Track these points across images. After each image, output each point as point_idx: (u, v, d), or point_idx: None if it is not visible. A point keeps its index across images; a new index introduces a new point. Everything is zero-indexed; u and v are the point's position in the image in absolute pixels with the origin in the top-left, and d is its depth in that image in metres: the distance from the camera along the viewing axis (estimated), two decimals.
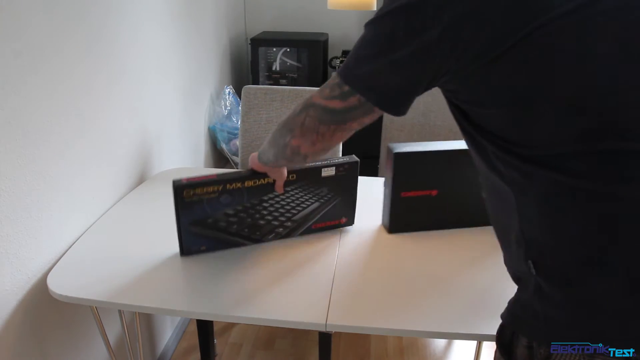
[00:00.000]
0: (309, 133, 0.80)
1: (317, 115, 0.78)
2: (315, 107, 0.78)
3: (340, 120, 0.76)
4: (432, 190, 1.27)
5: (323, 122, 0.78)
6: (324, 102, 0.76)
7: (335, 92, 0.74)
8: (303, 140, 0.82)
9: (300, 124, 0.81)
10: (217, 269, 1.16)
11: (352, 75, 0.71)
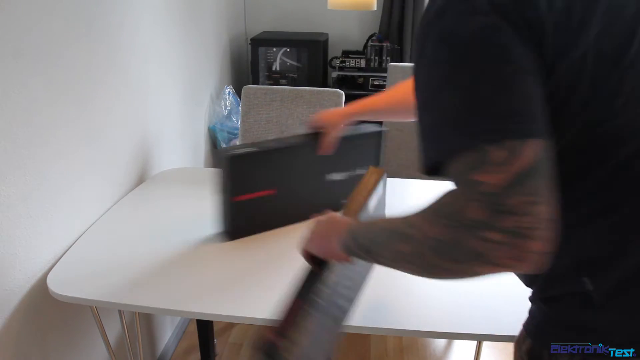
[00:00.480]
0: (529, 238, 0.49)
1: (526, 195, 0.50)
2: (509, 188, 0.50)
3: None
4: (270, 189, 1.24)
5: (542, 194, 0.51)
6: (512, 168, 0.50)
7: (501, 154, 0.51)
8: (515, 261, 0.50)
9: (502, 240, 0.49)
10: (217, 269, 1.16)
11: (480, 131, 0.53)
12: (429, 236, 0.54)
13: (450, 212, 0.53)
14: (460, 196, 0.53)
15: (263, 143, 1.24)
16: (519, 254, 0.49)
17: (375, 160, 1.41)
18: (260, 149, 1.19)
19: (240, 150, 1.17)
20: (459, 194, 0.53)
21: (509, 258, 0.49)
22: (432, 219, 0.55)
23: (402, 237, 0.58)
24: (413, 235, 0.57)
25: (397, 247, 0.59)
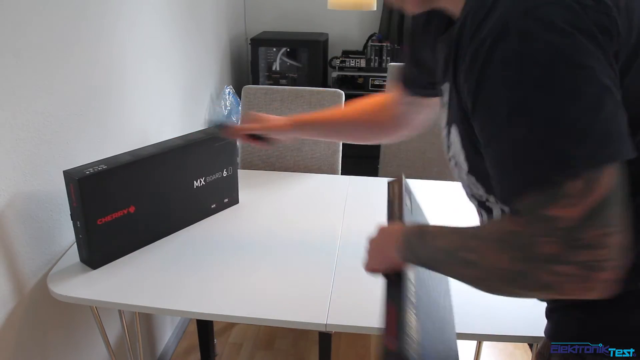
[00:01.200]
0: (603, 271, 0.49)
1: (603, 227, 0.49)
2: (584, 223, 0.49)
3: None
4: (129, 207, 1.17)
5: (621, 223, 0.50)
6: (589, 201, 0.49)
7: (577, 188, 0.49)
8: (589, 292, 0.50)
9: (578, 273, 0.49)
10: (216, 269, 1.16)
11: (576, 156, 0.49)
12: (497, 266, 0.54)
13: (520, 245, 0.51)
14: (532, 230, 0.51)
15: (114, 159, 1.15)
16: (591, 286, 0.49)
17: (233, 158, 1.41)
18: (110, 166, 1.11)
19: (90, 171, 1.08)
20: (529, 226, 0.51)
21: (580, 289, 0.49)
22: (499, 249, 0.53)
23: (465, 262, 0.58)
24: (477, 262, 0.56)
25: (460, 270, 0.60)
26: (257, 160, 1.90)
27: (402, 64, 1.00)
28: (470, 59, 0.56)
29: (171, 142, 1.28)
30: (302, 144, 1.86)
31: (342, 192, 1.58)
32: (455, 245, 0.61)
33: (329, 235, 1.31)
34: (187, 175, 1.30)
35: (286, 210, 1.46)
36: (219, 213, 1.42)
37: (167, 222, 1.28)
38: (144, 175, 1.19)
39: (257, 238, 1.30)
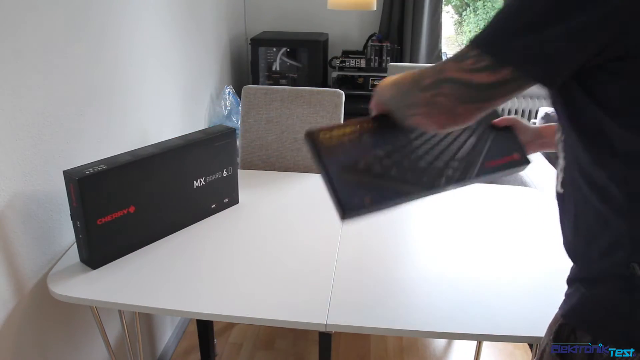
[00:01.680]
0: (439, 114, 0.68)
1: (455, 92, 0.66)
2: (452, 82, 0.66)
3: (486, 98, 0.65)
4: (129, 207, 1.17)
5: (464, 101, 0.66)
6: (467, 75, 0.64)
7: (480, 64, 0.63)
8: (428, 121, 0.71)
9: (427, 102, 0.69)
10: (216, 269, 1.16)
11: (505, 48, 0.62)
12: (402, 90, 0.76)
13: (417, 77, 0.71)
14: (431, 70, 0.69)
15: (114, 159, 1.15)
16: (428, 114, 0.70)
17: (233, 158, 1.41)
18: (110, 166, 1.11)
19: (90, 171, 1.08)
20: (432, 67, 0.70)
21: (424, 114, 0.70)
22: (409, 80, 0.74)
23: (398, 91, 0.78)
24: (399, 91, 0.78)
25: (398, 98, 0.78)
26: (257, 160, 1.90)
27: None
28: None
29: (171, 142, 1.28)
30: (302, 144, 1.86)
31: None
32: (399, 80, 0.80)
33: (329, 235, 1.31)
34: (187, 175, 1.30)
35: (286, 210, 1.46)
36: (219, 213, 1.42)
37: (167, 222, 1.29)
38: (144, 175, 1.18)
39: (257, 238, 1.30)
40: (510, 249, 1.26)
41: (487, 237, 1.32)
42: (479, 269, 1.17)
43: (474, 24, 3.14)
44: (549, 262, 1.20)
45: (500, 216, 1.44)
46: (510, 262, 1.20)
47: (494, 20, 0.64)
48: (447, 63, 0.67)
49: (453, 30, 3.21)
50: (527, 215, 1.46)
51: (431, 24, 2.76)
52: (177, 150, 1.25)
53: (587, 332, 0.70)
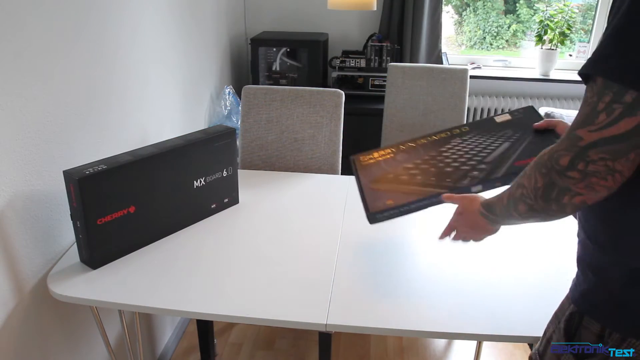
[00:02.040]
0: (600, 181, 0.62)
1: (605, 154, 0.61)
2: (596, 146, 0.61)
3: (638, 142, 0.59)
4: (129, 207, 1.17)
5: (617, 157, 0.60)
6: (606, 132, 0.60)
7: (613, 116, 0.59)
8: (591, 193, 0.64)
9: (581, 178, 0.63)
10: (216, 269, 1.16)
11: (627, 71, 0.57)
12: (535, 187, 0.69)
13: (546, 162, 0.66)
14: (557, 147, 0.65)
15: (114, 159, 1.16)
16: (589, 186, 0.63)
17: (233, 158, 1.41)
18: (110, 166, 1.11)
19: (90, 171, 1.08)
20: (556, 145, 0.66)
21: (583, 189, 0.63)
22: (534, 172, 0.69)
23: (519, 198, 0.73)
24: (524, 192, 0.72)
25: (520, 207, 0.74)
26: (257, 160, 1.90)
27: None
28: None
29: (171, 142, 1.28)
30: (302, 144, 1.86)
31: (342, 192, 1.58)
32: (511, 191, 0.76)
33: (329, 235, 1.31)
34: (187, 175, 1.30)
35: (286, 210, 1.46)
36: (219, 213, 1.42)
37: (167, 222, 1.29)
38: (144, 175, 1.18)
39: (257, 238, 1.30)
40: (511, 249, 1.26)
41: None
42: (479, 269, 1.17)
43: (474, 24, 3.14)
44: (549, 263, 1.20)
45: None
46: (511, 262, 1.20)
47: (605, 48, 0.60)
48: (577, 131, 0.63)
49: (453, 30, 3.21)
50: None
51: (431, 24, 2.76)
52: (177, 150, 1.25)
53: (597, 320, 0.71)
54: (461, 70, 2.22)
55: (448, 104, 2.23)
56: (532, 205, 0.71)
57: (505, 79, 2.83)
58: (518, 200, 0.74)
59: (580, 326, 0.72)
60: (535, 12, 2.97)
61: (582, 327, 0.72)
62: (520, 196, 0.73)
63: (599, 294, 0.72)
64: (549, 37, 2.75)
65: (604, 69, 0.59)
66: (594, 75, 0.61)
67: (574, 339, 0.73)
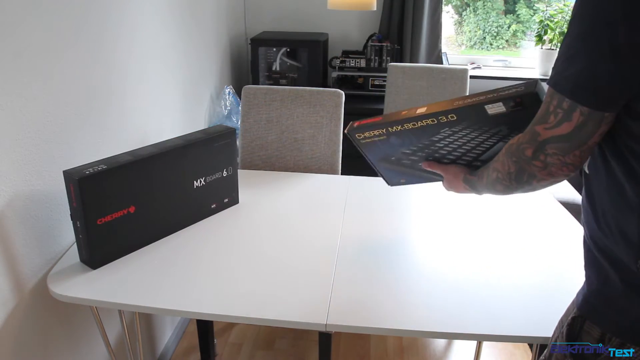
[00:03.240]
0: (558, 169, 0.73)
1: (557, 149, 0.70)
2: (550, 142, 0.71)
3: (581, 142, 0.69)
4: (129, 207, 1.17)
5: (567, 152, 0.70)
6: (555, 131, 0.70)
7: (558, 117, 0.69)
8: (552, 178, 0.75)
9: (543, 166, 0.73)
10: (216, 269, 1.16)
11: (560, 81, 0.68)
12: (509, 171, 0.80)
13: (514, 152, 0.77)
14: (522, 139, 0.75)
15: (114, 159, 1.15)
16: (552, 173, 0.73)
17: (233, 158, 1.41)
18: (110, 166, 1.11)
19: (90, 171, 1.08)
20: (521, 138, 0.76)
21: (546, 175, 0.74)
22: (507, 159, 0.79)
23: (496, 180, 0.85)
24: (499, 175, 0.83)
25: (496, 186, 0.86)
26: (257, 160, 1.90)
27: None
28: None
29: (171, 142, 1.28)
30: (302, 144, 1.86)
31: (342, 192, 1.58)
32: (488, 173, 0.88)
33: (329, 235, 1.31)
34: (187, 175, 1.30)
35: (286, 210, 1.46)
36: (219, 213, 1.42)
37: (167, 222, 1.28)
38: (144, 175, 1.18)
39: (257, 238, 1.30)
40: (511, 249, 1.26)
41: (487, 237, 1.32)
42: (479, 269, 1.17)
43: (474, 24, 3.14)
44: (550, 263, 1.20)
45: (501, 216, 1.44)
46: (511, 262, 1.20)
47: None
48: (536, 127, 0.72)
49: (453, 30, 3.21)
50: (528, 215, 1.46)
51: (431, 24, 2.76)
52: (177, 150, 1.25)
53: (597, 325, 0.71)
54: (461, 70, 2.22)
55: None
56: (508, 186, 0.82)
57: (505, 79, 2.83)
58: (495, 182, 0.85)
59: (582, 330, 0.73)
60: (535, 12, 2.97)
61: (583, 332, 0.72)
62: (496, 178, 0.84)
63: (600, 298, 0.72)
64: (549, 37, 2.75)
65: (552, 80, 0.70)
66: (548, 84, 0.71)
67: (575, 340, 0.73)
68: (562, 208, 1.49)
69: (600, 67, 0.63)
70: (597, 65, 0.63)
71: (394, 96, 2.27)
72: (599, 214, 0.73)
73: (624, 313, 0.68)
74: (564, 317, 0.79)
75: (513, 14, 3.07)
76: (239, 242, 1.28)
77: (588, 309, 0.73)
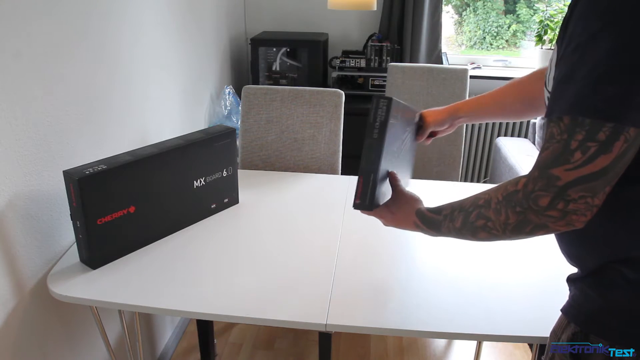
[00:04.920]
0: (580, 216, 0.62)
1: (585, 192, 0.60)
2: (576, 184, 0.60)
3: (615, 175, 0.61)
4: (129, 207, 1.17)
5: (597, 193, 0.61)
6: (585, 170, 0.60)
7: (590, 150, 0.59)
8: (567, 227, 0.64)
9: (560, 216, 0.63)
10: (217, 269, 1.16)
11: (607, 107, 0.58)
12: (505, 222, 0.69)
13: (520, 200, 0.65)
14: (534, 186, 0.64)
15: (114, 159, 1.15)
16: (568, 223, 0.63)
17: (233, 158, 1.41)
18: (110, 166, 1.11)
19: (90, 171, 1.08)
20: (531, 183, 0.64)
21: (560, 226, 0.64)
22: (505, 209, 0.68)
23: (477, 228, 0.74)
24: (488, 224, 0.72)
25: (474, 233, 0.75)
26: (257, 160, 1.90)
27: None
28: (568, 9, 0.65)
29: (171, 142, 1.28)
30: (302, 144, 1.86)
31: (342, 192, 1.58)
32: (469, 219, 0.75)
33: (329, 235, 1.31)
34: (187, 175, 1.30)
35: (286, 210, 1.46)
36: (219, 213, 1.42)
37: (167, 222, 1.28)
38: (144, 175, 1.18)
39: (257, 238, 1.30)
40: (511, 249, 1.26)
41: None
42: (479, 269, 1.17)
43: (474, 24, 3.14)
44: (549, 263, 1.20)
45: None
46: (511, 262, 1.20)
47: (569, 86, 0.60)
48: (552, 170, 0.62)
49: (453, 30, 3.21)
50: None
51: (431, 24, 2.76)
52: (177, 150, 1.25)
53: (605, 339, 0.69)
54: (461, 70, 2.22)
55: (448, 104, 2.23)
56: (496, 235, 0.72)
57: (505, 79, 2.81)
58: (478, 229, 0.74)
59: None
60: (535, 12, 2.97)
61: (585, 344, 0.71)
62: (482, 226, 0.73)
63: (606, 314, 0.70)
64: (549, 37, 2.75)
65: (576, 108, 0.60)
66: (568, 114, 0.61)
67: (580, 358, 0.72)
68: None
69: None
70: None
71: (394, 96, 2.27)
72: (599, 240, 0.70)
73: (636, 324, 0.67)
74: (557, 330, 0.76)
75: (513, 14, 3.07)
76: (238, 242, 1.28)
77: (592, 325, 0.71)
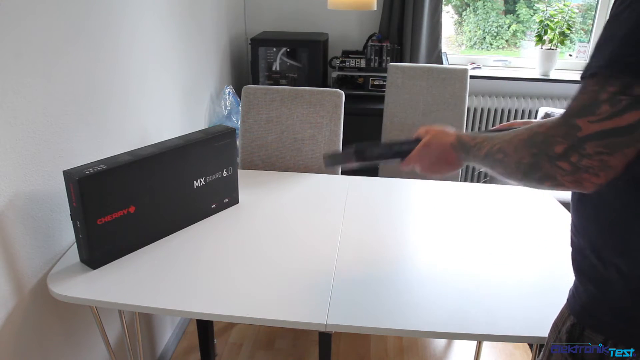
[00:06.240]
0: (591, 176, 0.60)
1: (604, 148, 0.58)
2: (595, 138, 0.58)
3: (638, 138, 0.57)
4: (129, 207, 1.17)
5: (615, 151, 0.58)
6: (609, 123, 0.57)
7: (619, 105, 0.57)
8: (574, 186, 0.62)
9: (572, 170, 0.61)
10: (216, 269, 1.16)
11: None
12: (519, 161, 0.67)
13: (539, 142, 0.64)
14: (554, 131, 0.62)
15: (114, 159, 1.15)
16: (578, 181, 0.61)
17: (233, 158, 1.41)
18: (110, 166, 1.11)
19: (90, 171, 1.08)
20: (553, 129, 0.62)
21: (569, 182, 0.62)
22: (524, 147, 0.66)
23: (496, 161, 0.73)
24: (504, 159, 0.71)
25: (493, 165, 0.75)
26: (257, 160, 1.90)
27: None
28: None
29: (171, 142, 1.28)
30: (302, 144, 1.86)
31: (342, 192, 1.58)
32: (491, 150, 0.74)
33: (329, 235, 1.31)
34: (187, 175, 1.30)
35: (286, 210, 1.46)
36: (219, 213, 1.42)
37: (167, 222, 1.28)
38: (144, 175, 1.18)
39: (257, 238, 1.30)
40: (511, 249, 1.26)
41: (487, 237, 1.32)
42: (479, 269, 1.17)
43: (474, 24, 3.14)
44: (549, 263, 1.20)
45: (501, 216, 1.44)
46: (511, 262, 1.20)
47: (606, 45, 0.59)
48: (576, 120, 0.60)
49: (453, 30, 3.21)
50: (528, 215, 1.46)
51: (431, 24, 2.76)
52: (177, 150, 1.25)
53: (600, 333, 0.69)
54: (461, 70, 2.22)
55: (448, 104, 2.23)
56: (509, 173, 0.70)
57: (505, 79, 2.83)
58: (496, 163, 0.73)
59: (583, 336, 0.71)
60: (535, 12, 2.97)
61: (584, 337, 0.71)
62: (500, 160, 0.71)
63: (603, 307, 0.70)
64: (549, 37, 2.75)
65: (608, 63, 0.58)
66: (593, 71, 0.60)
67: (580, 358, 0.72)
68: (562, 208, 1.49)
69: None
70: None
71: (394, 96, 2.27)
72: (607, 223, 0.69)
73: (631, 320, 0.67)
74: (558, 321, 0.77)
75: (513, 14, 3.07)
76: (238, 242, 1.28)
77: (588, 317, 0.72)
